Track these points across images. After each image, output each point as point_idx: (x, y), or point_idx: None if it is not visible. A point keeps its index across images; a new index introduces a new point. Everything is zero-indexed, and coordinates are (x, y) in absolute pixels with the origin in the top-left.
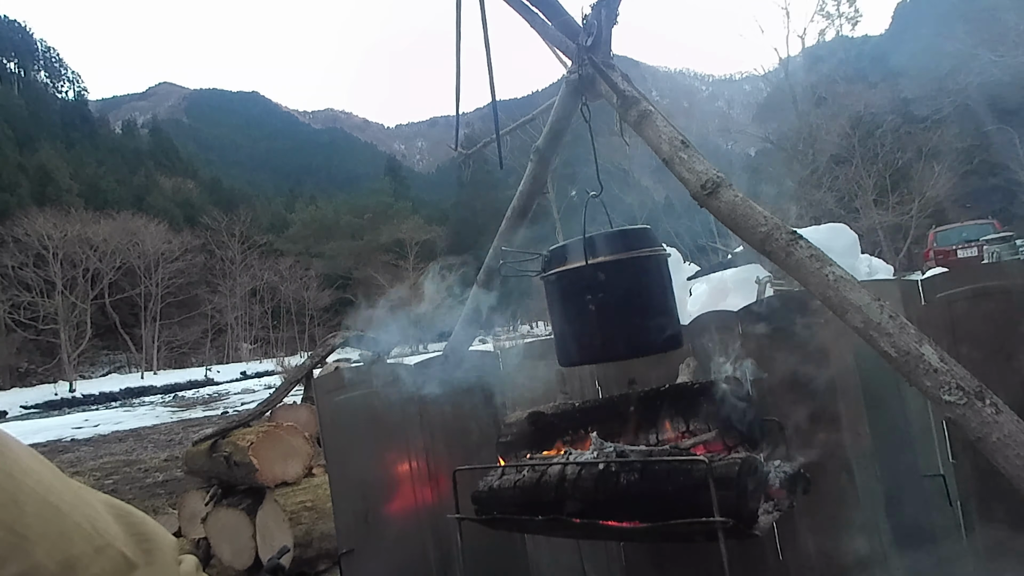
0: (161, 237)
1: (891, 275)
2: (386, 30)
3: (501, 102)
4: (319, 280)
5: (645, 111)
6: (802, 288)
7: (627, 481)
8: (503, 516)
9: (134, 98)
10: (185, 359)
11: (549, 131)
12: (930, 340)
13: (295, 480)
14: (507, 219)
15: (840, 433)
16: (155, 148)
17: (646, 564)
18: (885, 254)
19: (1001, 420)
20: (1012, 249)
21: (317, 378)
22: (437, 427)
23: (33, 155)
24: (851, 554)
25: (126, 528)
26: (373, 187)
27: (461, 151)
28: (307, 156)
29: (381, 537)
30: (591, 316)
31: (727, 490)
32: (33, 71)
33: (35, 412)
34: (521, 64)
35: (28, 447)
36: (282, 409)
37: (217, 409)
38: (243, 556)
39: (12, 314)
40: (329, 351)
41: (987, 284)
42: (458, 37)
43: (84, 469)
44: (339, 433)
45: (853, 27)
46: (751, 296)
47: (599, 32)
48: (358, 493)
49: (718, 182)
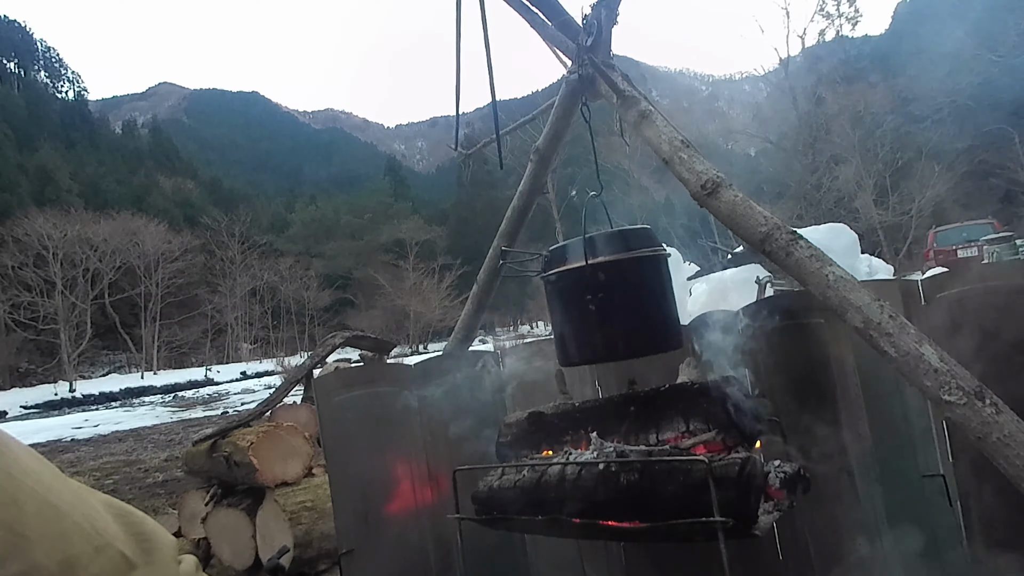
0: (161, 237)
1: (891, 275)
2: (386, 30)
3: (501, 102)
4: (319, 280)
5: (645, 111)
6: (802, 288)
7: (627, 481)
8: (503, 516)
9: (134, 98)
10: (185, 359)
11: (549, 131)
12: (930, 340)
13: (295, 480)
14: (507, 219)
15: (840, 433)
16: (155, 148)
17: (646, 564)
18: (885, 254)
19: (1001, 420)
20: (1012, 249)
21: (317, 378)
22: (437, 427)
23: (33, 155)
24: (851, 554)
25: (126, 528)
26: (373, 187)
27: (461, 151)
28: (307, 156)
29: (381, 537)
30: (591, 316)
31: (727, 490)
32: (33, 71)
33: (35, 412)
34: (521, 64)
35: (28, 447)
36: (282, 409)
37: (217, 409)
38: (243, 556)
39: (12, 314)
40: (329, 351)
41: (987, 284)
42: (458, 37)
43: (84, 469)
44: (339, 433)
45: (853, 27)
46: (751, 296)
47: (599, 32)
48: (358, 493)
49: (718, 182)
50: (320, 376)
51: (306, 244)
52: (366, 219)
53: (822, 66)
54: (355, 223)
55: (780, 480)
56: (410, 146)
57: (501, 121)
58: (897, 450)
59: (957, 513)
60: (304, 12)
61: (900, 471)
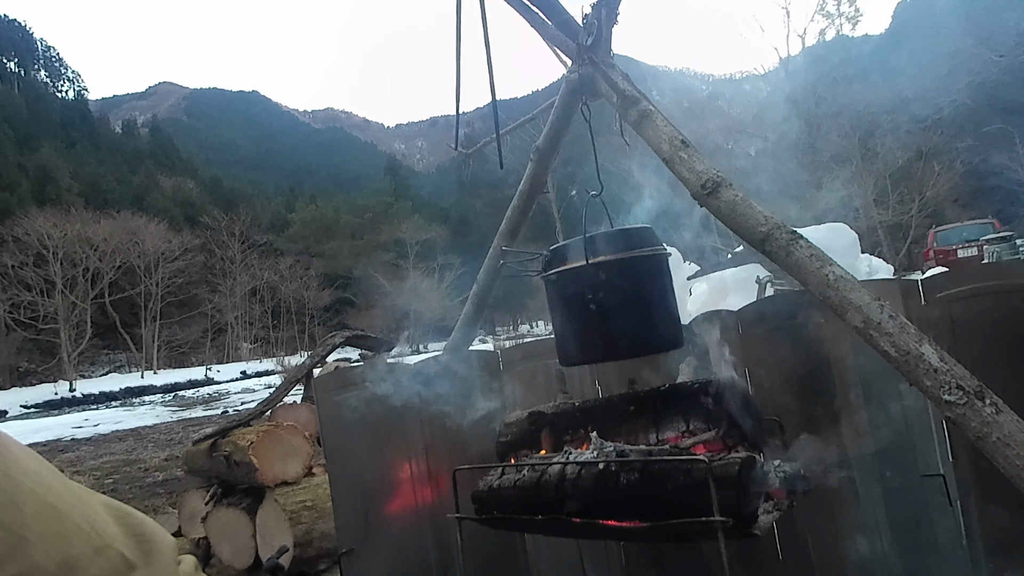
0: (161, 237)
1: (891, 275)
2: (386, 30)
3: (501, 102)
4: (319, 280)
5: (645, 111)
6: (802, 288)
7: (627, 481)
8: (503, 516)
9: (134, 98)
10: (185, 358)
11: (549, 131)
12: (930, 340)
13: (295, 480)
14: (507, 219)
15: (840, 433)
16: (155, 148)
17: (646, 564)
18: (885, 254)
19: (1001, 420)
20: (1012, 249)
21: (317, 378)
22: (437, 427)
23: (33, 155)
24: (851, 554)
25: (125, 529)
26: (373, 187)
27: (461, 151)
28: (307, 156)
29: (381, 537)
30: (592, 315)
31: (727, 490)
32: (33, 71)
33: (35, 411)
34: (521, 64)
35: (28, 447)
36: (282, 409)
37: (217, 408)
38: (243, 555)
39: (12, 314)
40: (329, 350)
41: (987, 284)
42: (458, 37)
43: (84, 468)
44: (339, 433)
45: (853, 27)
46: (751, 296)
47: (599, 31)
48: (358, 493)
49: (718, 182)
50: (320, 376)
51: (306, 244)
52: (366, 219)
53: (822, 66)
54: (355, 223)
55: (780, 480)
56: (410, 146)
57: (501, 121)
58: (897, 450)
59: (957, 513)
60: (304, 12)
61: (900, 471)
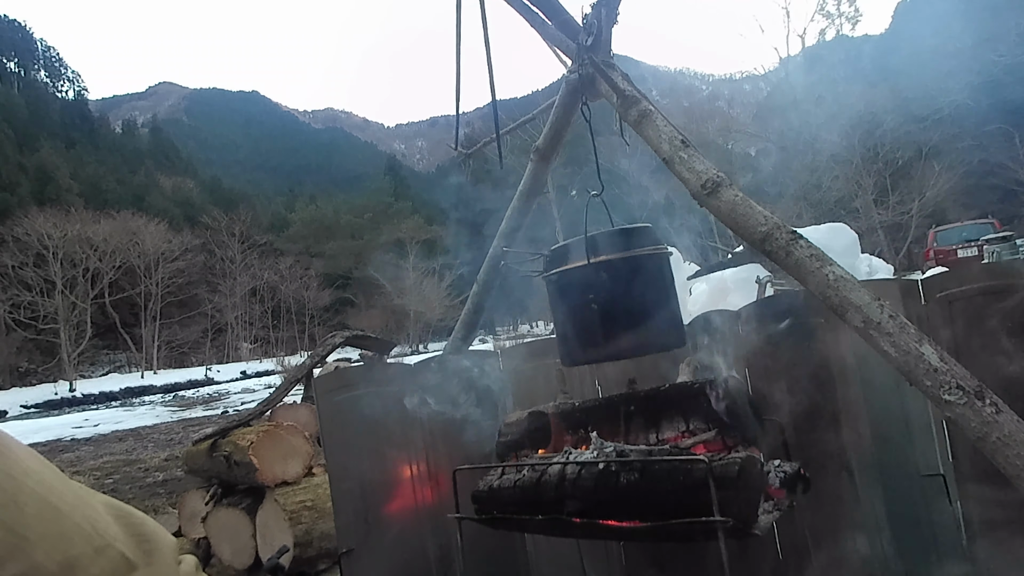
0: (161, 237)
1: (891, 275)
2: (386, 30)
3: (501, 102)
4: (319, 280)
5: (645, 111)
6: (802, 288)
7: (627, 481)
8: (503, 516)
9: (134, 98)
10: (185, 359)
11: (549, 130)
12: (930, 340)
13: (295, 480)
14: (507, 219)
15: (840, 433)
16: (155, 148)
17: (646, 564)
18: (885, 254)
19: (1001, 420)
20: (1012, 249)
21: (317, 378)
22: (437, 427)
23: (33, 155)
24: (851, 554)
25: (126, 529)
26: (373, 187)
27: (461, 151)
28: (307, 156)
29: (381, 537)
30: (593, 315)
31: (727, 490)
32: (33, 71)
33: (35, 412)
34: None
35: (28, 447)
36: (282, 409)
37: (217, 408)
38: (243, 555)
39: (12, 314)
40: (329, 350)
41: (987, 284)
42: (458, 37)
43: (84, 468)
44: (339, 433)
45: (853, 27)
46: (751, 296)
47: (599, 31)
48: (358, 493)
49: (718, 182)
50: (320, 376)
51: (306, 244)
52: (366, 219)
53: (822, 66)
54: (355, 223)
55: (780, 480)
56: (410, 146)
57: (501, 121)
58: (897, 450)
59: (957, 513)
60: (304, 12)
61: (900, 471)
